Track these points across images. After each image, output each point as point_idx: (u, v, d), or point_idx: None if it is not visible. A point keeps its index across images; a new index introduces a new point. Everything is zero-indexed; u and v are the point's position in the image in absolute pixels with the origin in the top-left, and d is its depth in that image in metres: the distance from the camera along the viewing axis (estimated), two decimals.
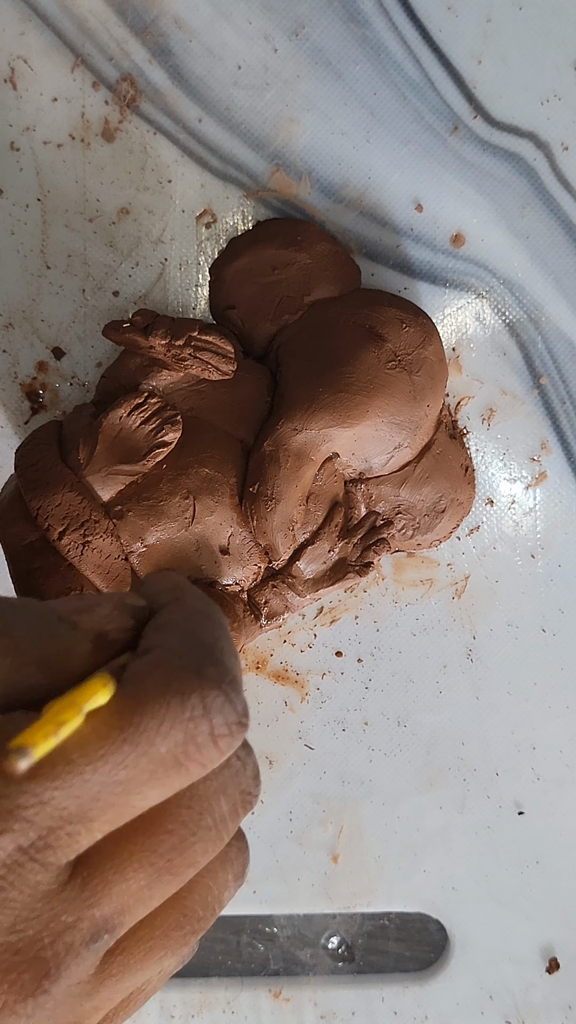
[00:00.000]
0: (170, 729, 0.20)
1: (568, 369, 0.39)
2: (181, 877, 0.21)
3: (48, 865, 0.19)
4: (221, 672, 0.20)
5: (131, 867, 0.20)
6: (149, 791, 0.20)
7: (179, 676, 0.20)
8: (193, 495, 0.34)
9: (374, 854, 0.41)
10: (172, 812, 0.21)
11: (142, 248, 0.37)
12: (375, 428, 0.35)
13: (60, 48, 0.36)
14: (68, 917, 0.20)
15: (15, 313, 0.38)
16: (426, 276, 0.38)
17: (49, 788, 0.19)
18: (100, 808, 0.19)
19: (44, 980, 0.20)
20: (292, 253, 0.36)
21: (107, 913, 0.20)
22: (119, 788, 0.19)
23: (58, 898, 0.20)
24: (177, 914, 0.22)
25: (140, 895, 0.21)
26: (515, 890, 0.41)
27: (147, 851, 0.21)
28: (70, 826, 0.19)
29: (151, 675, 0.20)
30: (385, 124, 0.37)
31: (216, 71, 0.36)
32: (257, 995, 0.42)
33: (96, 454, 0.34)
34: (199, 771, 0.20)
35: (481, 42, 0.36)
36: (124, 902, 0.20)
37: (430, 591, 0.40)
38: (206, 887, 0.23)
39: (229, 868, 0.23)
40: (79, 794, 0.19)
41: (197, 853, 0.21)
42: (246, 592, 0.36)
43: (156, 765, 0.20)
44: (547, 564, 0.40)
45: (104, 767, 0.19)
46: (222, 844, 0.22)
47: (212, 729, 0.20)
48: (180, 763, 0.20)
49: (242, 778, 0.22)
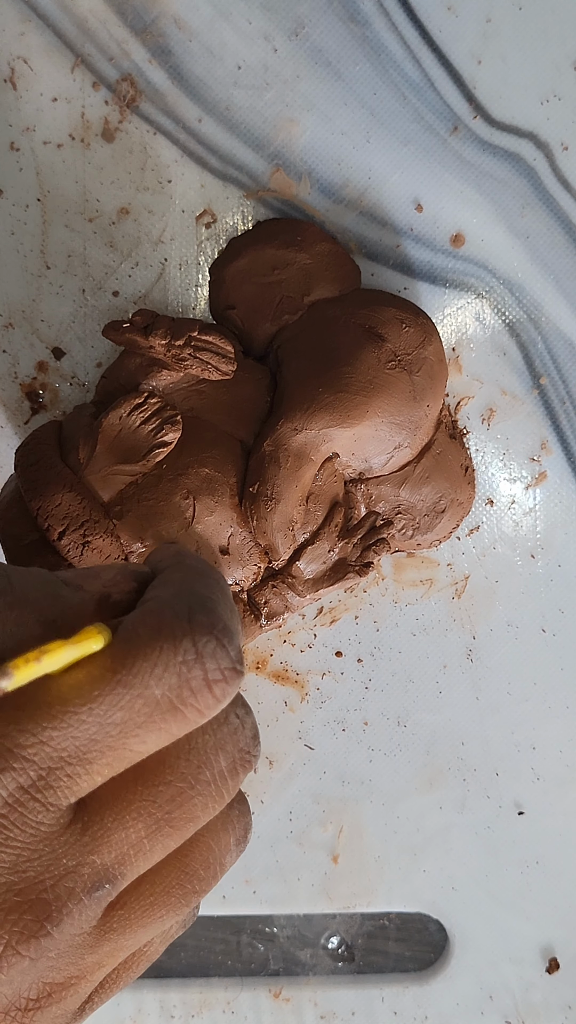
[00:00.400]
0: (163, 672, 0.20)
1: (568, 369, 0.39)
2: (181, 831, 0.22)
3: (49, 806, 0.20)
4: (213, 619, 0.21)
5: (130, 815, 0.21)
6: (146, 735, 0.20)
7: (170, 622, 0.20)
8: (193, 495, 0.34)
9: (374, 854, 0.41)
10: (171, 763, 0.21)
11: (142, 248, 0.37)
12: (375, 428, 0.35)
13: (60, 48, 0.36)
14: (69, 861, 0.20)
15: (15, 313, 0.38)
16: (426, 276, 0.38)
17: (47, 728, 0.19)
18: (99, 750, 0.20)
19: (46, 922, 0.20)
20: (292, 253, 0.36)
21: (107, 862, 0.21)
22: (115, 730, 0.20)
23: (59, 840, 0.20)
24: (178, 872, 0.23)
25: (140, 846, 0.21)
26: (515, 890, 0.41)
27: (146, 800, 0.21)
28: (69, 767, 0.20)
29: (143, 622, 0.21)
30: (385, 124, 0.37)
31: (216, 71, 0.36)
32: (257, 995, 0.42)
33: (96, 454, 0.34)
34: (196, 716, 0.20)
35: (481, 42, 0.36)
36: (123, 852, 0.21)
37: (430, 591, 0.40)
38: (207, 847, 0.23)
39: (231, 830, 0.24)
40: (77, 735, 0.19)
41: (196, 807, 0.22)
42: (246, 592, 0.36)
43: (152, 707, 0.20)
44: (547, 564, 0.40)
45: (99, 708, 0.20)
46: (222, 802, 0.22)
47: (205, 674, 0.20)
48: (176, 707, 0.20)
49: (240, 736, 0.23)
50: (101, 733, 0.20)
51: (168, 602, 0.21)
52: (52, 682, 0.20)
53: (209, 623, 0.21)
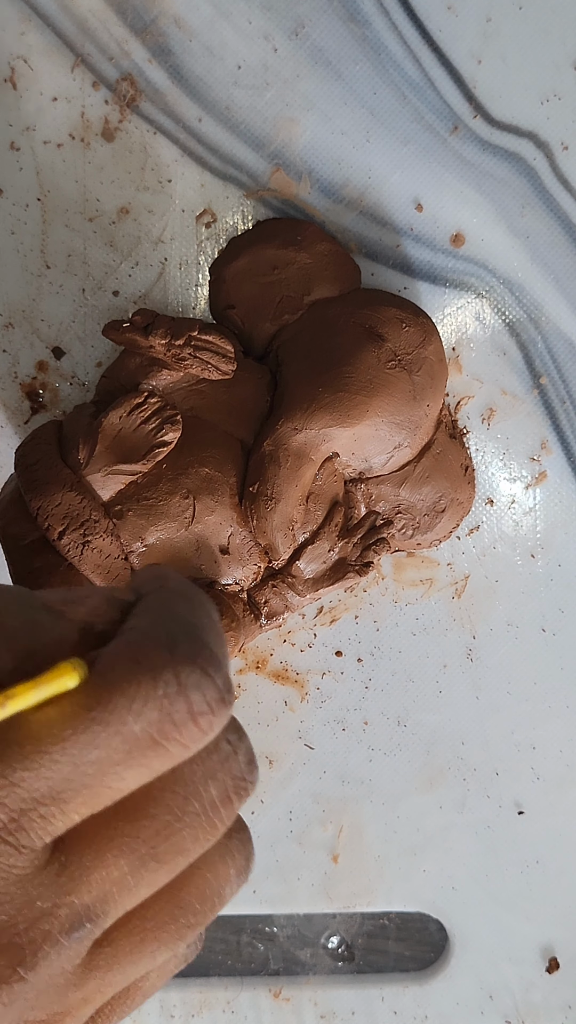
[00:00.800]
0: (142, 707, 0.19)
1: (568, 369, 0.39)
2: (169, 865, 0.21)
3: (21, 848, 0.19)
4: (196, 647, 0.20)
5: (111, 852, 0.20)
6: (126, 772, 0.19)
7: (149, 653, 0.19)
8: (193, 495, 0.34)
9: (374, 854, 0.41)
10: (155, 796, 0.20)
11: (142, 248, 0.37)
12: (375, 428, 0.35)
13: (60, 48, 0.36)
14: (44, 903, 0.19)
15: (15, 313, 0.38)
16: (426, 276, 0.38)
17: (17, 769, 0.19)
18: (74, 789, 0.19)
19: (19, 967, 0.19)
20: (292, 253, 0.36)
21: (87, 901, 0.20)
22: (92, 768, 0.19)
23: (33, 883, 0.19)
24: (171, 907, 0.22)
25: (123, 883, 0.20)
26: (515, 890, 0.41)
27: (128, 836, 0.20)
28: (43, 808, 0.19)
29: (120, 654, 0.20)
30: (385, 124, 0.37)
31: (216, 71, 0.36)
32: (257, 995, 0.42)
33: (96, 454, 0.34)
34: (180, 751, 0.20)
35: (481, 42, 0.36)
36: (106, 890, 0.20)
37: (430, 591, 0.40)
38: (203, 879, 0.22)
39: (230, 861, 0.23)
40: (50, 775, 0.19)
41: (186, 840, 0.21)
42: (246, 592, 0.36)
43: (130, 745, 0.19)
44: (547, 564, 0.40)
45: (73, 747, 0.19)
46: (215, 832, 0.21)
47: (190, 706, 0.19)
48: (157, 742, 0.19)
49: (233, 763, 0.21)
50: (76, 773, 0.19)
51: (147, 632, 0.20)
52: (24, 720, 0.19)
53: (192, 652, 0.20)
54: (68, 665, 0.19)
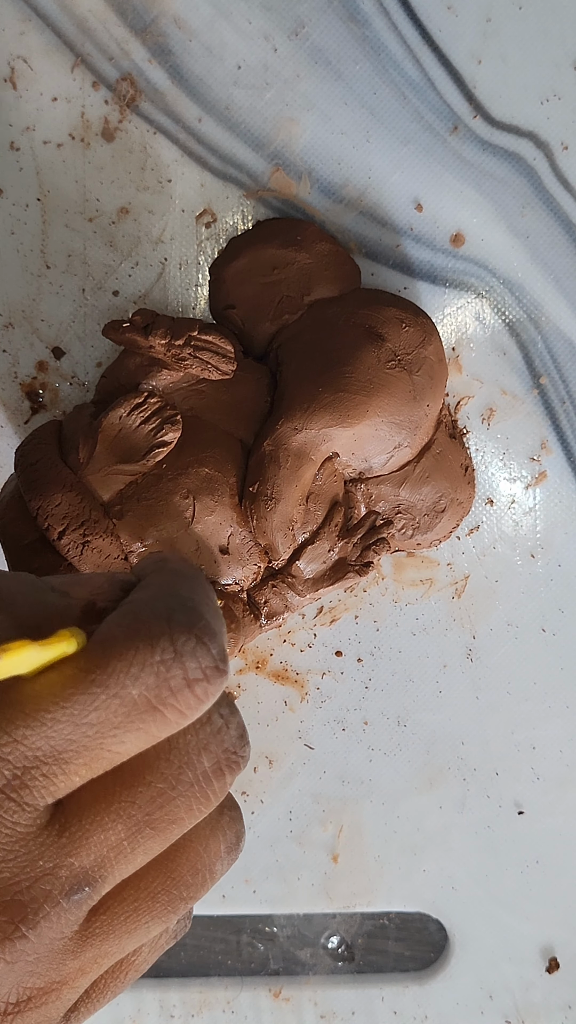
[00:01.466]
0: (140, 671, 0.20)
1: (568, 369, 0.39)
2: (163, 834, 0.21)
3: (25, 805, 0.19)
4: (193, 618, 0.20)
5: (109, 816, 0.20)
6: (124, 735, 0.20)
7: (148, 621, 0.20)
8: (193, 495, 0.34)
9: (374, 854, 0.41)
10: (151, 764, 0.21)
11: (142, 248, 0.37)
12: (375, 428, 0.35)
13: (60, 48, 0.36)
14: (46, 863, 0.20)
15: (15, 313, 0.38)
16: (426, 276, 0.38)
17: (21, 727, 0.19)
18: (75, 750, 0.19)
19: (21, 924, 0.20)
20: (292, 253, 0.36)
21: (86, 864, 0.20)
22: (92, 730, 0.19)
23: (36, 842, 0.20)
24: (164, 877, 0.22)
25: (120, 848, 0.21)
26: (515, 890, 0.41)
27: (125, 801, 0.21)
28: (45, 766, 0.19)
29: (120, 623, 0.20)
30: (385, 124, 0.37)
31: (216, 71, 0.36)
32: (257, 995, 0.42)
33: (96, 454, 0.34)
34: (177, 717, 0.20)
35: (481, 42, 0.36)
36: (103, 854, 0.20)
37: (430, 591, 0.40)
38: (195, 853, 0.23)
39: (221, 837, 0.23)
40: (51, 735, 0.19)
41: (179, 809, 0.21)
42: (246, 592, 0.36)
43: (129, 708, 0.20)
44: (547, 564, 0.40)
45: (74, 708, 0.19)
46: (208, 803, 0.22)
47: (185, 673, 0.20)
48: (154, 707, 0.20)
49: (225, 736, 0.22)
50: (77, 733, 0.19)
51: (146, 602, 0.21)
52: (26, 683, 0.20)
53: (189, 621, 0.20)
54: (67, 632, 0.20)
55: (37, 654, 0.19)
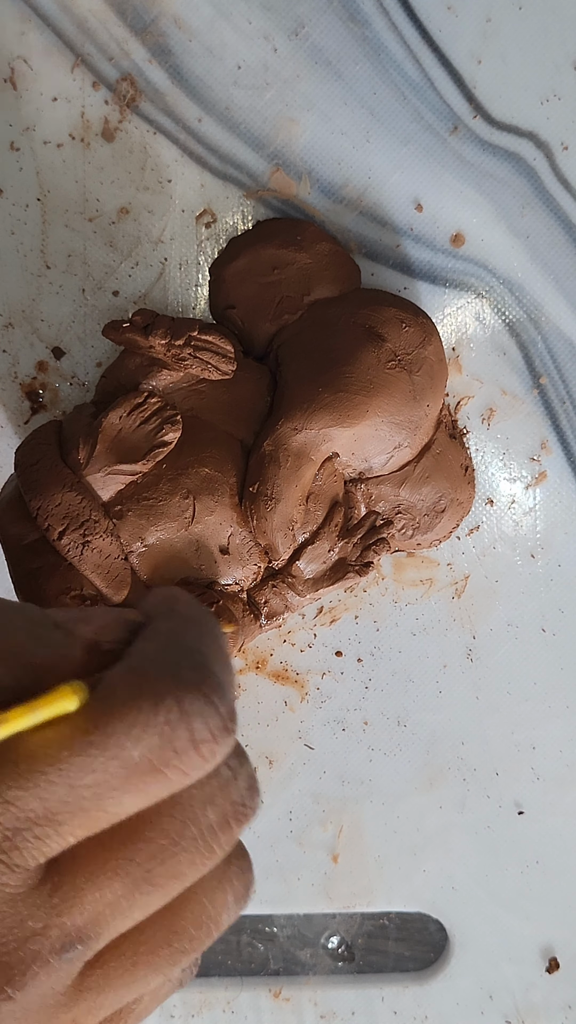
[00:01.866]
0: (142, 733, 0.19)
1: (568, 369, 0.39)
2: (164, 890, 0.20)
3: (14, 867, 0.19)
4: (201, 675, 0.20)
5: (105, 875, 0.20)
6: (123, 797, 0.19)
7: (152, 679, 0.19)
8: (193, 495, 0.34)
9: (374, 854, 0.41)
10: (152, 820, 0.20)
11: (142, 248, 0.37)
12: (375, 428, 0.35)
13: (60, 48, 0.36)
14: (35, 923, 0.19)
15: (15, 313, 0.38)
16: (426, 276, 0.38)
17: (12, 787, 0.19)
18: (70, 812, 0.19)
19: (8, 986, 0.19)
20: (292, 253, 0.36)
21: (79, 923, 0.20)
22: (88, 792, 0.19)
23: (25, 903, 0.19)
24: (166, 931, 0.21)
25: (117, 906, 0.20)
26: (515, 890, 0.41)
27: (123, 859, 0.20)
28: (38, 828, 0.19)
29: (123, 679, 0.20)
30: (385, 124, 0.37)
31: (216, 71, 0.36)
32: (257, 995, 0.42)
33: (96, 454, 0.34)
34: (181, 778, 0.19)
35: (481, 42, 0.36)
36: (99, 912, 0.20)
37: (430, 591, 0.40)
38: (200, 905, 0.22)
39: (228, 888, 0.22)
40: (45, 796, 0.19)
41: (182, 864, 0.20)
42: (246, 592, 0.36)
43: (129, 771, 0.19)
44: (547, 564, 0.40)
45: (70, 770, 0.19)
46: (213, 857, 0.21)
47: (191, 734, 0.19)
48: (157, 769, 0.19)
49: (233, 789, 0.21)
50: (72, 795, 0.19)
51: (151, 657, 0.20)
52: (21, 740, 0.19)
53: (197, 679, 0.19)
54: (68, 688, 0.19)
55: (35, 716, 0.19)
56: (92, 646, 0.21)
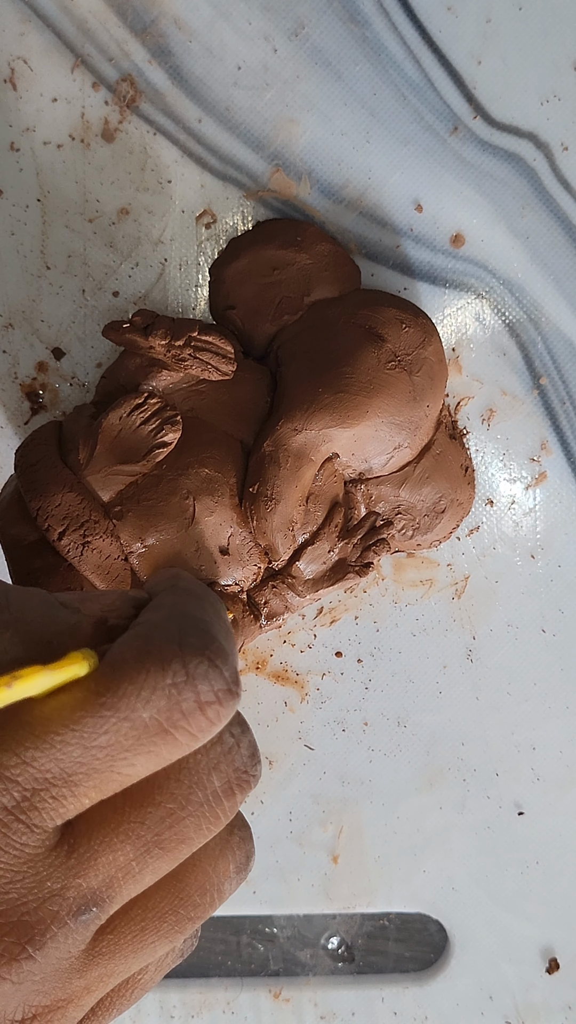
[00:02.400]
0: (151, 695, 0.20)
1: (568, 369, 0.39)
2: (172, 854, 0.21)
3: (33, 827, 0.19)
4: (205, 640, 0.20)
5: (118, 837, 0.20)
6: (135, 758, 0.20)
7: (159, 644, 0.20)
8: (193, 495, 0.34)
9: (374, 854, 0.41)
10: (161, 784, 0.21)
11: (142, 248, 0.37)
12: (375, 428, 0.35)
13: (60, 48, 0.36)
14: (54, 884, 0.20)
15: (15, 313, 0.38)
16: (426, 276, 0.38)
17: (30, 749, 0.19)
18: (84, 773, 0.19)
19: (28, 945, 0.20)
20: (292, 253, 0.36)
21: (94, 885, 0.20)
22: (102, 753, 0.19)
23: (44, 863, 0.20)
24: (172, 897, 0.22)
25: (129, 868, 0.21)
26: (515, 890, 0.41)
27: (134, 822, 0.21)
28: (55, 788, 0.19)
29: (131, 645, 0.20)
30: (385, 124, 0.37)
31: (216, 71, 0.36)
32: (257, 995, 0.42)
33: (96, 454, 0.34)
34: (188, 740, 0.20)
35: (481, 42, 0.36)
36: (112, 875, 0.20)
37: (430, 591, 0.40)
38: (204, 872, 0.23)
39: (230, 857, 0.23)
40: (61, 757, 0.19)
41: (188, 828, 0.21)
42: (245, 593, 0.36)
43: (140, 731, 0.20)
44: (547, 564, 0.40)
45: (84, 731, 0.19)
46: (217, 823, 0.22)
47: (198, 695, 0.20)
48: (166, 730, 0.20)
49: (236, 756, 0.22)
50: (87, 756, 0.19)
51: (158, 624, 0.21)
52: (36, 704, 0.20)
53: (201, 644, 0.20)
54: (79, 654, 0.20)
55: (48, 678, 0.19)
56: (100, 622, 0.22)
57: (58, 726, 0.19)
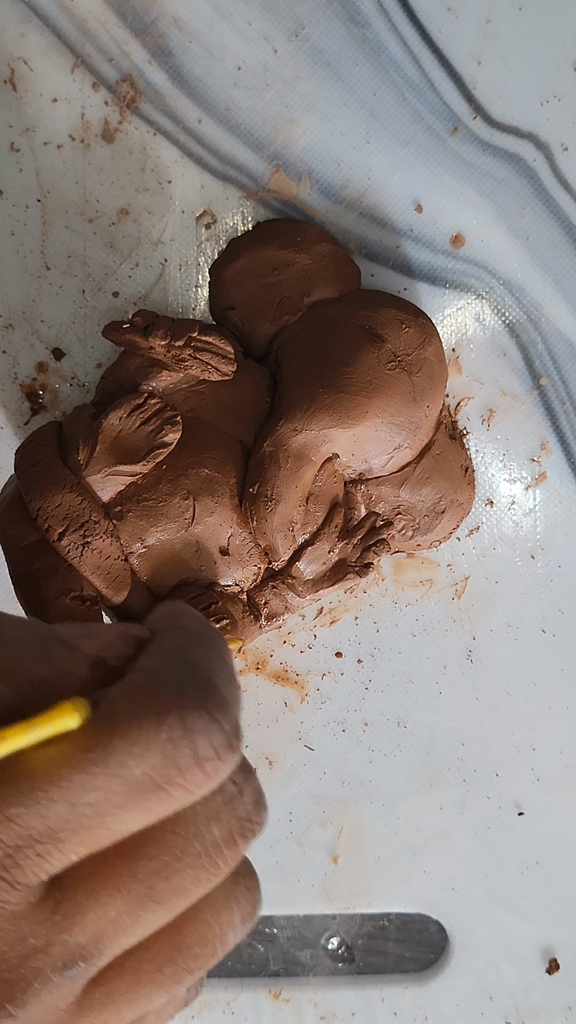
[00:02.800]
0: (144, 751, 0.19)
1: (568, 370, 0.39)
2: (168, 906, 0.20)
3: (16, 884, 0.19)
4: (206, 692, 0.19)
5: (107, 891, 0.20)
6: (126, 815, 0.19)
7: (155, 696, 0.19)
8: (193, 496, 0.34)
9: (374, 855, 0.41)
10: (155, 837, 0.20)
11: (142, 249, 0.37)
12: (375, 429, 0.35)
13: (60, 49, 0.36)
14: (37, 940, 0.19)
15: (15, 314, 0.38)
16: (426, 277, 0.38)
17: (13, 805, 0.18)
18: (71, 829, 0.19)
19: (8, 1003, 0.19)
20: (292, 254, 0.36)
21: (82, 940, 0.19)
22: (90, 810, 0.19)
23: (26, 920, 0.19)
24: (170, 948, 0.21)
25: (120, 923, 0.20)
26: (515, 891, 0.41)
27: (125, 876, 0.20)
28: (40, 846, 0.19)
29: (124, 696, 0.19)
30: (385, 125, 0.37)
31: (216, 72, 0.36)
32: (257, 996, 0.42)
33: (96, 455, 0.34)
34: (184, 796, 0.19)
35: (481, 43, 0.36)
36: (101, 929, 0.20)
37: (430, 592, 0.40)
38: (205, 923, 0.21)
39: (235, 907, 0.22)
40: (45, 814, 0.18)
41: (185, 880, 0.20)
42: (245, 593, 0.36)
43: (132, 788, 0.19)
44: (547, 565, 0.40)
45: (70, 788, 0.19)
46: (218, 873, 0.21)
47: (195, 751, 0.19)
48: (160, 787, 0.19)
49: (238, 804, 0.21)
50: (73, 813, 0.19)
51: (155, 672, 0.20)
52: (22, 758, 0.19)
53: (201, 695, 0.19)
54: (70, 705, 0.19)
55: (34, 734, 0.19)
56: (97, 662, 0.21)
57: (44, 782, 0.19)
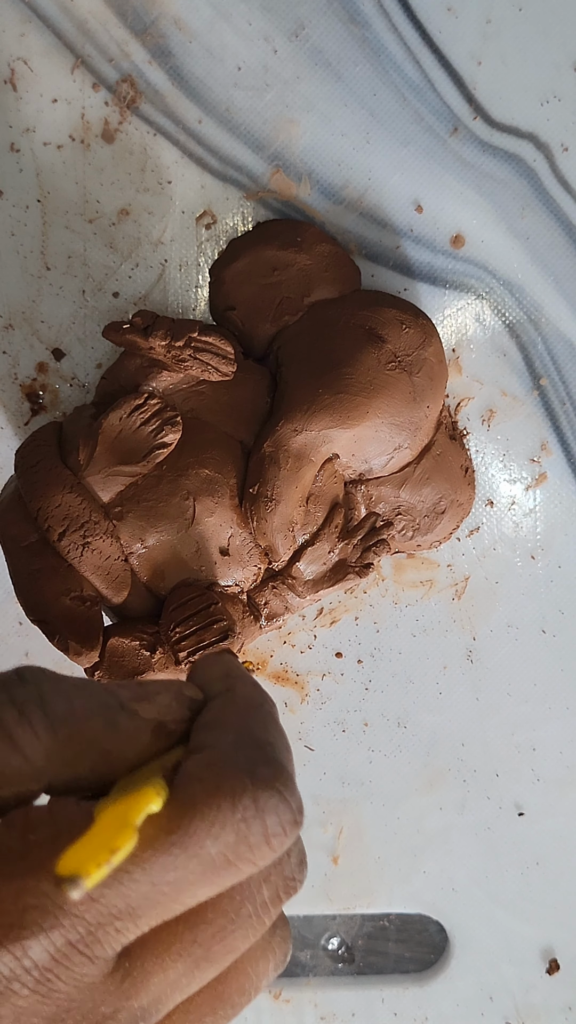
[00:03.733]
0: (221, 831, 0.20)
1: (568, 370, 0.39)
2: (219, 964, 0.21)
3: (96, 959, 0.20)
4: (275, 771, 0.21)
5: (170, 957, 0.21)
6: (199, 890, 0.20)
7: (231, 778, 0.20)
8: (193, 496, 0.34)
9: (374, 855, 0.41)
10: (214, 902, 0.21)
11: (142, 249, 0.37)
12: (375, 429, 0.35)
13: (60, 49, 0.36)
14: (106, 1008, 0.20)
15: (15, 314, 0.38)
16: (426, 277, 0.38)
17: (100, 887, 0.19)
18: (149, 905, 0.20)
19: None
20: (292, 254, 0.36)
21: (144, 1004, 0.21)
22: (168, 888, 0.20)
23: (99, 990, 0.20)
24: (213, 1000, 0.22)
25: (178, 984, 0.21)
26: (515, 891, 0.41)
27: (187, 941, 0.21)
28: (119, 922, 0.19)
29: (203, 777, 0.20)
30: (385, 125, 0.37)
31: (216, 72, 0.36)
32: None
33: (96, 455, 0.34)
34: (250, 869, 0.20)
35: (481, 43, 0.36)
36: (162, 991, 0.21)
37: (430, 592, 0.40)
38: (245, 974, 0.23)
39: (271, 957, 0.23)
40: (129, 893, 0.19)
41: (237, 939, 0.21)
42: (246, 593, 0.36)
43: (207, 866, 0.20)
44: (547, 565, 0.40)
45: (153, 869, 0.19)
46: (263, 929, 0.22)
47: (265, 829, 0.20)
48: (231, 863, 0.20)
49: (286, 865, 0.22)
50: (154, 892, 0.20)
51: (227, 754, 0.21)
52: None
53: (271, 775, 0.20)
54: (151, 789, 0.20)
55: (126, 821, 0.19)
56: (159, 727, 0.22)
57: (128, 864, 0.19)
